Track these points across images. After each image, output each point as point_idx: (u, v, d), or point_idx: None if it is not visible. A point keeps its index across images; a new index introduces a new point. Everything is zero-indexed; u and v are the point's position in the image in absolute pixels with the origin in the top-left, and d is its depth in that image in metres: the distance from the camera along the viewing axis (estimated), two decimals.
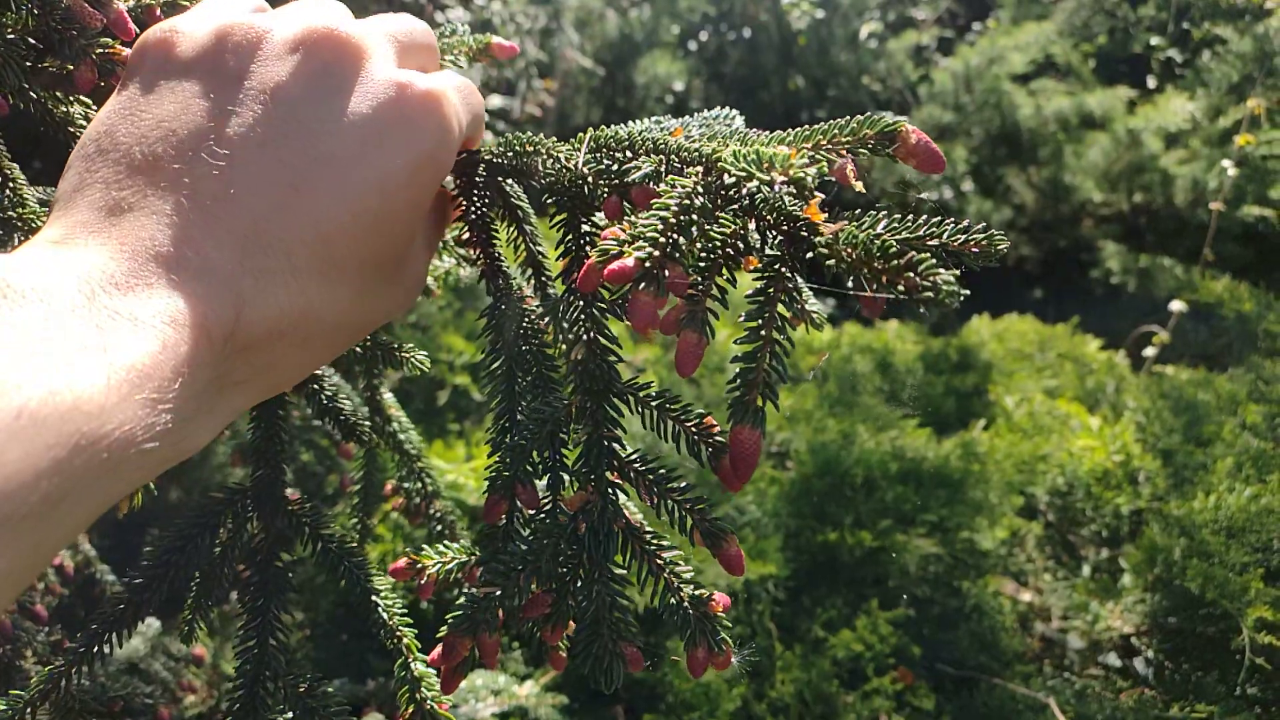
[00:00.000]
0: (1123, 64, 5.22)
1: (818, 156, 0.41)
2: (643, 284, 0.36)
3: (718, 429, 0.46)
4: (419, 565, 0.53)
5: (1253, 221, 3.76)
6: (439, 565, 0.53)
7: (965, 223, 0.36)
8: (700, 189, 0.39)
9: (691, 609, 0.44)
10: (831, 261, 0.36)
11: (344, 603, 1.88)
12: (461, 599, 0.45)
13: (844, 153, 0.41)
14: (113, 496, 0.30)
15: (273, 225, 0.36)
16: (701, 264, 0.39)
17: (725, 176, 0.39)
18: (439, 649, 0.45)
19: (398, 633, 0.61)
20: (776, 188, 0.38)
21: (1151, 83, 4.96)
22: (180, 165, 0.36)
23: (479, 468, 2.00)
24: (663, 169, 0.44)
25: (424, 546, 0.54)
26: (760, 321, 0.38)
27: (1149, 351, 3.17)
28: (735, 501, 2.11)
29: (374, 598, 0.62)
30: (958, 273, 0.35)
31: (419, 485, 0.94)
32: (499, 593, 0.44)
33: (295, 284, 0.37)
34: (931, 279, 0.33)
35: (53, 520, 0.27)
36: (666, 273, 0.36)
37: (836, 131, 0.41)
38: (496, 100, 4.21)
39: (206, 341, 0.33)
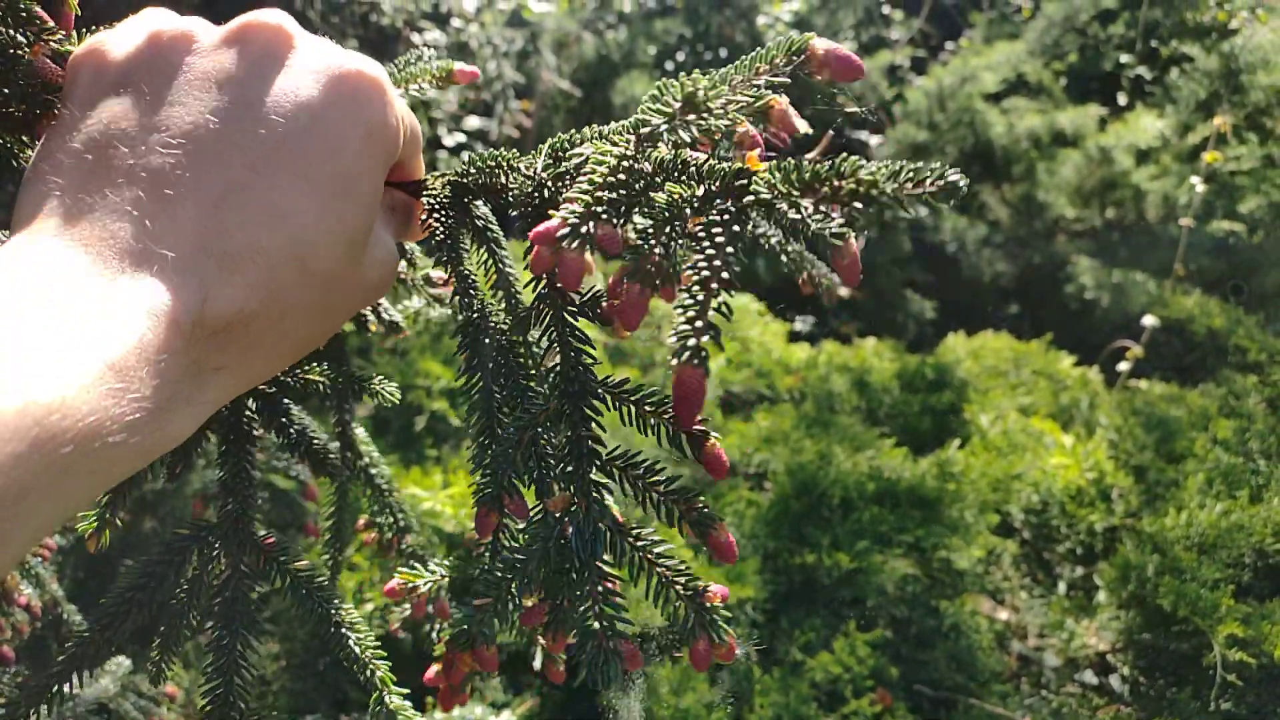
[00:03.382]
0: (1093, 81, 5.28)
1: (732, 91, 0.42)
2: (567, 241, 0.36)
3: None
4: (411, 585, 0.53)
5: (1223, 236, 3.82)
6: (430, 584, 0.53)
7: (919, 164, 0.35)
8: (631, 153, 0.41)
9: (688, 601, 0.44)
10: (768, 195, 0.37)
11: (321, 632, 1.87)
12: (459, 614, 0.45)
13: (775, 103, 0.41)
14: (88, 490, 0.30)
15: (232, 208, 0.36)
16: (649, 228, 0.39)
17: (643, 128, 0.41)
18: (433, 668, 0.44)
19: (370, 666, 0.60)
20: (678, 119, 0.40)
21: (1122, 100, 5.02)
22: (134, 160, 0.36)
23: (456, 494, 1.99)
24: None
25: (412, 564, 0.54)
26: (703, 257, 0.37)
27: (1123, 366, 3.20)
28: None
29: (344, 631, 0.62)
30: (885, 165, 0.35)
31: (390, 520, 0.94)
32: (493, 603, 0.43)
33: (262, 263, 0.36)
34: (858, 177, 0.34)
35: (17, 516, 0.27)
36: (593, 228, 0.37)
37: (749, 63, 0.43)
38: (474, 121, 4.22)
39: (174, 328, 0.33)
